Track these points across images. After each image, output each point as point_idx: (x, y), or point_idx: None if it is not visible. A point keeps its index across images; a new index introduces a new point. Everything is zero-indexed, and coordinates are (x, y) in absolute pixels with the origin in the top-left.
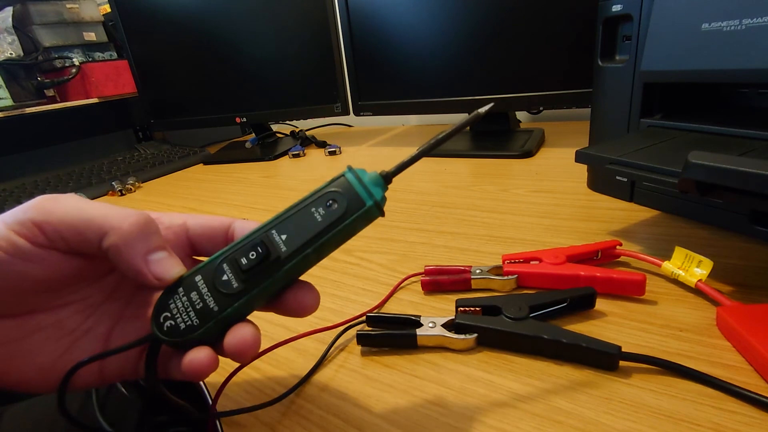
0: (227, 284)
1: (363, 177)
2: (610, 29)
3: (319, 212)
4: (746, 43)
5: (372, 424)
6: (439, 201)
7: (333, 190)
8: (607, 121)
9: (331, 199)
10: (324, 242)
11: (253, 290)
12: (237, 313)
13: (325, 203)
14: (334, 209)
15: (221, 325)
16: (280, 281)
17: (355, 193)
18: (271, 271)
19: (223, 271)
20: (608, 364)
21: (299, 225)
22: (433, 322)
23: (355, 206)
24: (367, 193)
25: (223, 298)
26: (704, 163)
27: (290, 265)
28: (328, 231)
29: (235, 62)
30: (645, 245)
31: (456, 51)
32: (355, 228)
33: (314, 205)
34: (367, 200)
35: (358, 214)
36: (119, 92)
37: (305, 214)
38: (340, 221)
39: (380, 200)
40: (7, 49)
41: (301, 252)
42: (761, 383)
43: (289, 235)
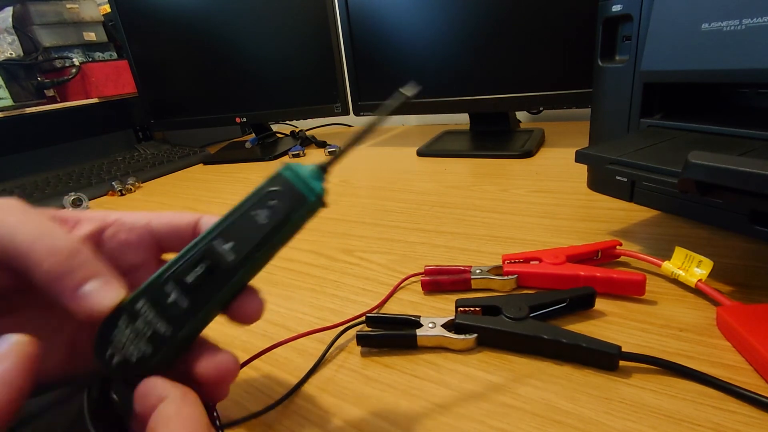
0: (176, 304)
1: (300, 172)
2: (610, 29)
3: (262, 214)
4: (746, 43)
5: (372, 424)
6: (439, 201)
7: (272, 189)
8: (607, 121)
9: (272, 198)
10: (272, 244)
11: (205, 306)
12: (192, 332)
13: (267, 204)
14: (277, 209)
15: (178, 348)
16: (232, 290)
17: (295, 190)
18: (221, 282)
19: (169, 291)
20: (608, 364)
21: (243, 230)
22: (432, 322)
23: (297, 203)
24: (308, 188)
25: (173, 319)
26: (704, 163)
27: (241, 273)
28: (274, 232)
29: (235, 62)
30: (645, 245)
31: (456, 51)
32: (301, 224)
33: (256, 207)
34: (309, 195)
35: (302, 210)
36: (119, 92)
37: (248, 217)
38: (285, 220)
39: (321, 193)
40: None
41: (250, 258)
42: (761, 383)
43: (235, 242)
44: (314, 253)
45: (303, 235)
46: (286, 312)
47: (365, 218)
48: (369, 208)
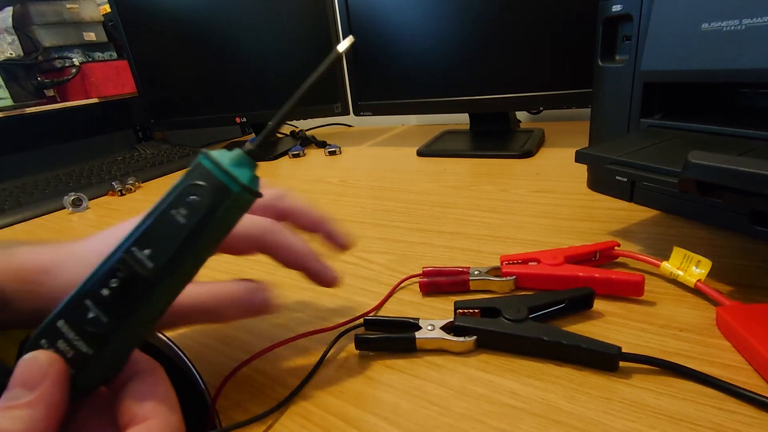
0: (95, 322)
1: (222, 160)
2: (610, 29)
3: (181, 213)
4: (746, 43)
5: (372, 424)
6: (439, 201)
7: (191, 183)
8: (607, 121)
9: (192, 194)
10: (198, 246)
11: (126, 321)
12: (120, 349)
13: (186, 200)
14: (198, 206)
15: (107, 367)
16: (159, 301)
17: (216, 182)
18: (142, 294)
19: (87, 308)
20: (608, 365)
21: (162, 233)
22: (431, 324)
23: (220, 196)
24: (231, 178)
25: (94, 338)
26: (704, 163)
27: (165, 281)
28: (197, 233)
29: (235, 62)
30: (645, 245)
31: (456, 51)
32: (229, 220)
33: (174, 206)
34: (233, 186)
35: (227, 204)
36: (119, 92)
37: (166, 218)
38: (207, 218)
39: (249, 182)
40: (7, 49)
41: (172, 265)
42: (761, 383)
43: (153, 249)
44: None
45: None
46: (286, 312)
47: (365, 218)
48: (369, 208)
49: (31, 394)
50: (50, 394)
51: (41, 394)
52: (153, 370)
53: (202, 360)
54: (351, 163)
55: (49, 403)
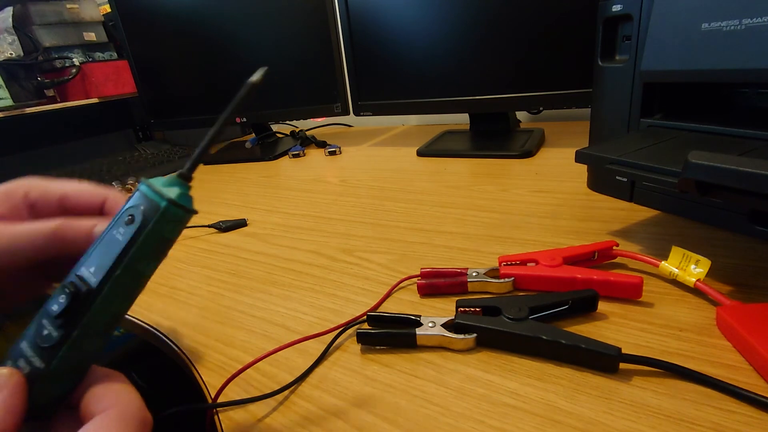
0: (48, 337)
1: (155, 183)
2: (610, 29)
3: (120, 232)
4: (746, 43)
5: (372, 424)
6: (439, 201)
7: (129, 206)
8: (607, 121)
9: (129, 215)
10: (131, 258)
11: (71, 334)
12: (68, 363)
13: (125, 222)
14: (133, 223)
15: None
16: (103, 312)
17: (149, 200)
18: (86, 307)
19: (43, 327)
20: (608, 366)
21: (104, 252)
22: (433, 321)
23: (151, 212)
24: (160, 195)
25: (46, 352)
26: (704, 163)
27: (104, 294)
28: (131, 246)
29: (235, 62)
30: (645, 245)
31: (456, 51)
32: (162, 233)
33: (115, 228)
34: (161, 202)
35: (156, 218)
36: (119, 92)
37: (109, 239)
38: (140, 232)
39: (178, 197)
40: (7, 49)
41: (110, 276)
42: (761, 383)
43: (96, 266)
44: (314, 253)
45: (303, 235)
46: (286, 312)
47: (365, 218)
48: (369, 208)
49: None
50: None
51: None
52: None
53: (202, 360)
54: (351, 163)
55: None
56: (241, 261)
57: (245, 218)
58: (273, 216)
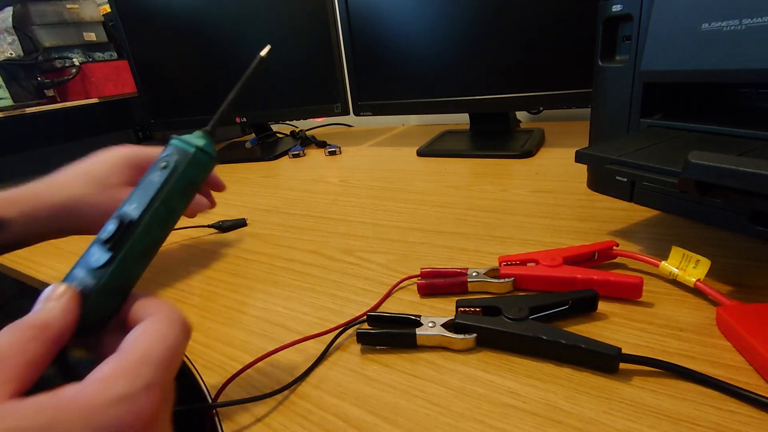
0: (97, 260)
1: (185, 136)
2: (610, 29)
3: (156, 176)
4: (746, 43)
5: (372, 424)
6: (439, 201)
7: (163, 155)
8: (607, 121)
9: (163, 162)
10: (166, 194)
11: (117, 256)
12: (115, 278)
13: (160, 168)
14: (167, 168)
15: (105, 299)
16: (143, 238)
17: (179, 150)
18: (130, 232)
19: (92, 252)
20: (608, 366)
21: (144, 192)
22: (433, 321)
23: (181, 158)
24: (189, 144)
25: (96, 273)
26: (704, 163)
27: (145, 222)
28: (166, 184)
29: (235, 62)
30: (645, 245)
31: (456, 51)
32: (191, 175)
33: (152, 173)
34: (190, 148)
35: (187, 161)
36: (119, 92)
37: (147, 182)
38: (173, 173)
39: (203, 146)
40: (7, 49)
41: (149, 210)
42: (761, 383)
43: (137, 203)
44: (314, 253)
45: (303, 235)
46: (286, 312)
47: (365, 218)
48: (369, 208)
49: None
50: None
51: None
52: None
53: (202, 360)
54: (351, 163)
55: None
56: (241, 261)
57: (245, 218)
58: (273, 216)
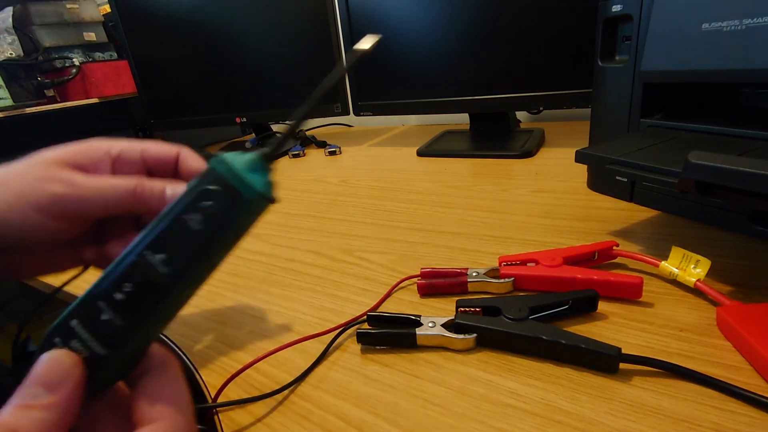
0: (109, 324)
1: (235, 165)
2: (610, 29)
3: (196, 219)
4: (746, 43)
5: (372, 424)
6: (439, 201)
7: (205, 188)
8: (607, 121)
9: (205, 199)
10: (211, 253)
11: (141, 325)
12: (134, 350)
13: (199, 206)
14: (212, 212)
15: (122, 366)
16: (172, 305)
17: (231, 187)
18: (157, 298)
19: (101, 310)
20: (608, 367)
21: (177, 239)
22: (433, 321)
23: (234, 203)
24: (245, 185)
25: (109, 340)
26: (704, 163)
27: (179, 288)
28: (211, 240)
29: (236, 62)
30: (645, 245)
31: (456, 51)
32: (244, 226)
33: (188, 211)
34: (247, 192)
35: (242, 211)
36: (119, 92)
37: (180, 223)
38: (222, 225)
39: (264, 188)
40: (7, 49)
41: (187, 271)
42: (761, 383)
43: (168, 254)
44: (314, 253)
45: (303, 235)
46: (286, 312)
47: (365, 218)
48: (369, 208)
49: (50, 396)
50: (68, 399)
51: (60, 398)
52: (166, 365)
53: (202, 360)
54: (351, 163)
55: (66, 408)
56: (240, 261)
57: None
58: (273, 216)
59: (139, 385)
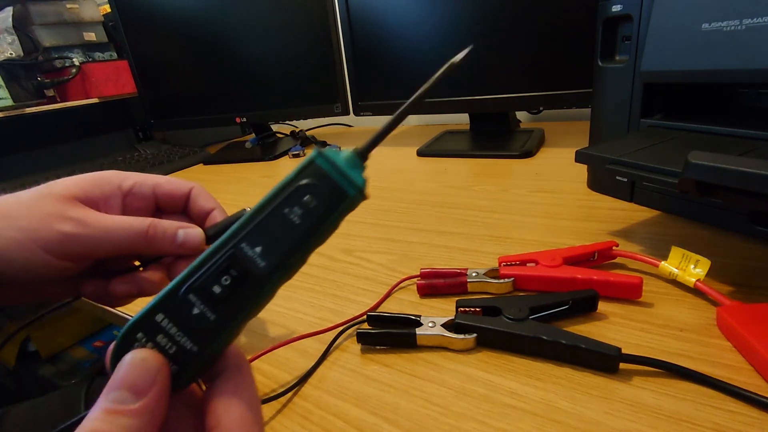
0: (201, 318)
1: (337, 160)
2: (610, 29)
3: (296, 213)
4: (746, 43)
5: (372, 424)
6: (439, 201)
7: (306, 182)
8: (607, 121)
9: (307, 194)
10: (308, 246)
11: (235, 319)
12: (222, 345)
13: (300, 200)
14: (313, 206)
15: (208, 362)
16: (264, 299)
17: (333, 183)
18: (252, 292)
19: (192, 303)
20: (608, 366)
21: (274, 232)
22: (433, 321)
23: (336, 199)
24: (347, 181)
25: (200, 334)
26: (704, 163)
27: (273, 280)
28: (310, 234)
29: (235, 62)
30: (645, 245)
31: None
32: (338, 222)
33: (287, 204)
34: (349, 189)
35: (342, 206)
36: (119, 92)
37: (278, 216)
38: (322, 219)
39: (363, 185)
40: (7, 49)
41: (284, 264)
42: (761, 383)
43: (264, 247)
44: (314, 253)
45: None
46: (286, 312)
47: (365, 218)
48: (369, 208)
49: (138, 401)
50: (156, 404)
51: (148, 402)
52: (241, 367)
53: None
54: None
55: (154, 414)
56: None
57: None
58: None
59: (215, 387)
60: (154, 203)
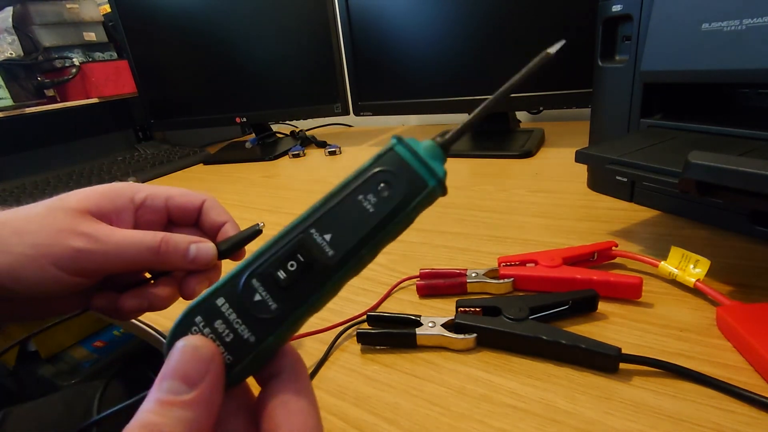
0: (262, 306)
1: (418, 149)
2: (610, 29)
3: (370, 200)
4: (746, 43)
5: (372, 424)
6: (439, 201)
7: (384, 169)
8: (607, 121)
9: (383, 182)
10: (381, 238)
11: (297, 309)
12: (280, 340)
13: (376, 188)
14: (389, 195)
15: (264, 357)
16: (331, 292)
17: (413, 172)
18: (318, 282)
19: (254, 289)
20: (608, 366)
21: (347, 220)
22: (433, 321)
23: (415, 189)
24: (428, 171)
25: (259, 324)
26: (704, 163)
27: (341, 273)
28: (385, 224)
29: (236, 62)
30: (645, 245)
31: (456, 51)
32: (415, 214)
33: (362, 192)
34: (429, 180)
35: (421, 198)
36: (119, 92)
37: (352, 204)
38: (399, 210)
39: (443, 177)
40: (7, 49)
41: (354, 254)
42: (761, 383)
43: (335, 234)
44: None
45: None
46: None
47: None
48: None
49: (191, 391)
50: (210, 394)
51: (201, 392)
52: (299, 370)
53: None
54: (351, 163)
55: (209, 404)
56: None
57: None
58: (273, 216)
59: (272, 389)
60: (166, 216)
